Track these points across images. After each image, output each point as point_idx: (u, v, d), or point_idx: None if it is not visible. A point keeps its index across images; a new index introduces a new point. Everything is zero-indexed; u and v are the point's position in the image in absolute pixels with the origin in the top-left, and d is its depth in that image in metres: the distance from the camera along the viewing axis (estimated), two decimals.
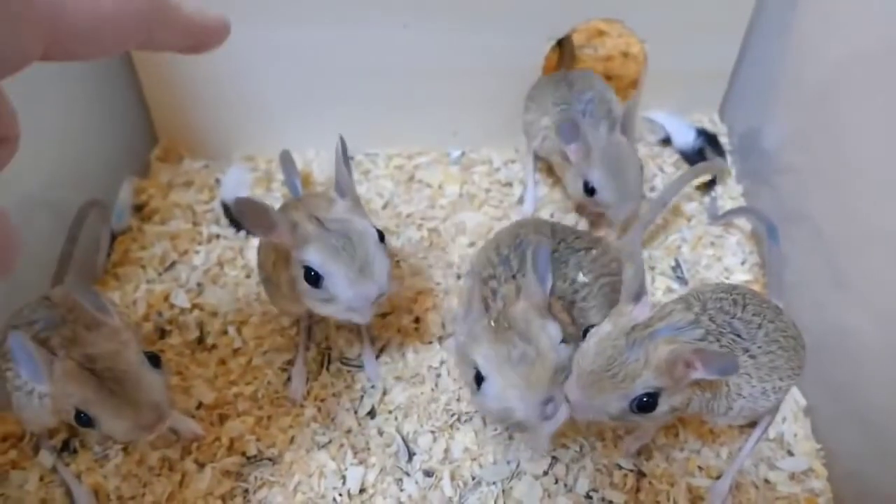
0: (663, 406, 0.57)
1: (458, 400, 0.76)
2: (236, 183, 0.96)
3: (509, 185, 0.99)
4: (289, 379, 0.78)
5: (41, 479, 0.69)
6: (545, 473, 0.70)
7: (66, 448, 0.72)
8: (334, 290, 0.63)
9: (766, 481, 0.71)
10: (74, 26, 0.32)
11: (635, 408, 0.56)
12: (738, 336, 0.62)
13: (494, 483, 0.69)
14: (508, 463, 0.71)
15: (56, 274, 0.76)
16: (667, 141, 1.04)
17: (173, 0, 0.39)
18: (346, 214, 0.65)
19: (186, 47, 0.44)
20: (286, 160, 0.86)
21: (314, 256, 0.62)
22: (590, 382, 0.57)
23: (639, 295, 0.59)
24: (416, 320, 0.83)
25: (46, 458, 0.70)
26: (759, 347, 0.63)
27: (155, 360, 0.61)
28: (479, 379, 0.60)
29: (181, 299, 0.84)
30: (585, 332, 0.61)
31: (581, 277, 0.70)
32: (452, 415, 0.74)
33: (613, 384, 0.56)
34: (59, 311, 0.63)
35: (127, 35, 0.36)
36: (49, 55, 0.32)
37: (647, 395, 0.56)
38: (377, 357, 0.80)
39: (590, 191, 0.82)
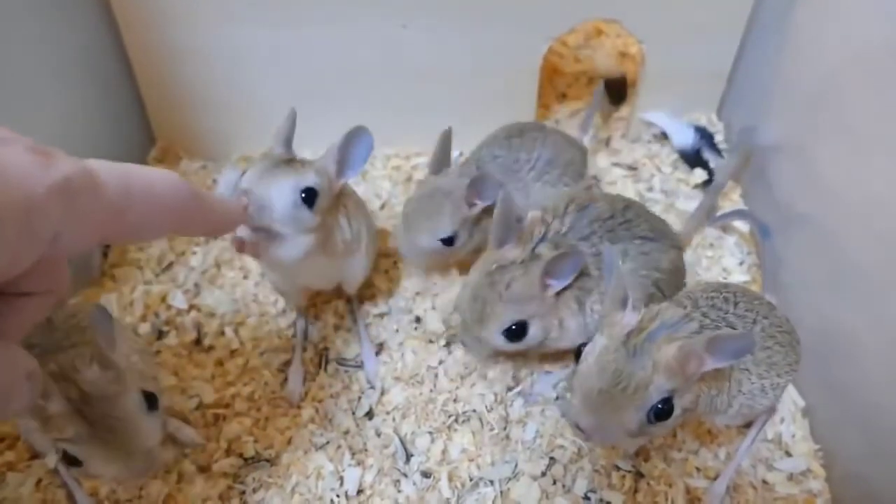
0: (678, 409, 0.55)
1: (456, 401, 0.75)
2: (230, 189, 0.95)
3: None
4: (286, 380, 0.78)
5: (39, 481, 0.69)
6: (543, 474, 0.70)
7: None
8: None
9: (765, 482, 0.71)
10: (129, 223, 0.38)
11: (653, 417, 0.54)
12: (734, 330, 0.62)
13: (492, 484, 0.69)
14: (506, 463, 0.70)
15: None
16: (664, 137, 1.04)
17: (206, 200, 0.46)
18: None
19: (207, 235, 0.52)
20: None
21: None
22: (601, 403, 0.54)
23: (624, 301, 0.57)
24: (416, 320, 0.83)
25: (51, 459, 0.70)
26: (756, 343, 0.62)
27: (152, 399, 0.58)
28: None
29: (179, 300, 0.84)
30: (578, 352, 0.58)
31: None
32: (450, 416, 0.74)
33: (627, 398, 0.53)
34: (57, 336, 0.60)
35: (166, 228, 0.43)
36: (102, 240, 0.38)
37: (663, 400, 0.54)
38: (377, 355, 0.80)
39: None
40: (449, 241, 0.78)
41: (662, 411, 0.54)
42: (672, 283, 0.72)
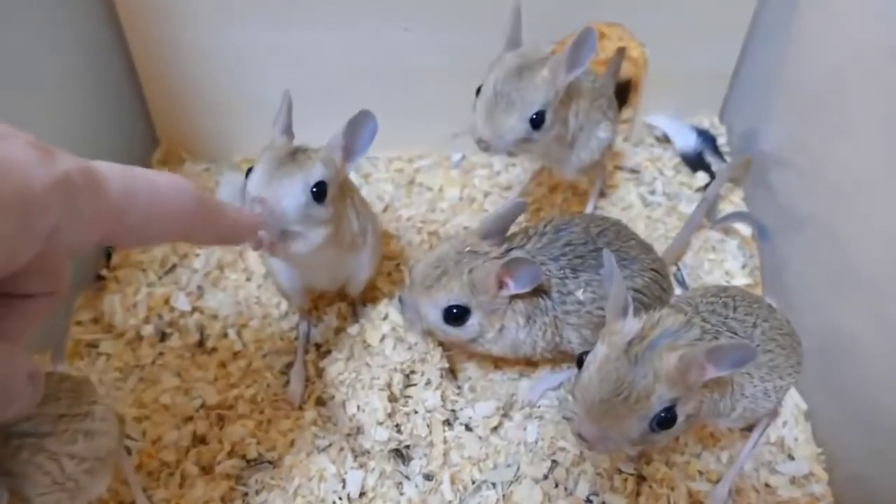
0: (681, 417, 0.55)
1: (458, 402, 0.75)
2: (231, 191, 0.96)
3: (510, 188, 0.99)
4: (288, 382, 0.78)
5: None
6: (545, 477, 0.70)
7: None
8: None
9: (767, 485, 0.71)
10: (130, 225, 0.38)
11: (656, 426, 0.53)
12: (735, 334, 0.62)
13: (495, 487, 0.69)
14: (508, 466, 0.70)
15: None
16: (666, 139, 1.04)
17: (216, 208, 0.45)
18: None
19: (216, 244, 0.50)
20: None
21: None
22: (602, 413, 0.53)
23: (625, 309, 0.57)
24: None
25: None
26: (758, 346, 0.62)
27: None
28: None
29: (181, 302, 0.84)
30: (580, 361, 0.58)
31: (580, 295, 0.69)
32: (454, 418, 0.74)
33: (628, 407, 0.53)
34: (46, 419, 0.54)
35: (170, 234, 0.42)
36: (102, 242, 0.37)
37: (665, 409, 0.53)
38: None
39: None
40: (538, 121, 0.72)
41: (665, 420, 0.53)
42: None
